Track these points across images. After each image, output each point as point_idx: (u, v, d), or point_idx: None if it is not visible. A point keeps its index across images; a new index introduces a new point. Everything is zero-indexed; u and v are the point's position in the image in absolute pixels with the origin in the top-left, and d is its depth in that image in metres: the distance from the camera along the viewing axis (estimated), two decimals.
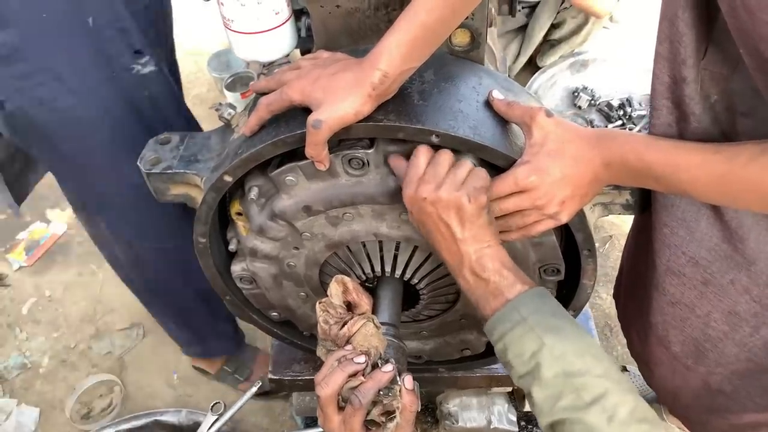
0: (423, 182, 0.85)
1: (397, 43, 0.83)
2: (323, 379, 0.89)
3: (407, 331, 1.24)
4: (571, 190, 0.86)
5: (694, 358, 1.05)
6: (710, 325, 0.99)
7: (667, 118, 0.86)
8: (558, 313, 0.84)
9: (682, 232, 0.95)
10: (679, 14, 0.77)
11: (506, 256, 0.87)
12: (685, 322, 1.02)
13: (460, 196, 0.83)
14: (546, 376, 0.78)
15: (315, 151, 0.88)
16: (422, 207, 0.86)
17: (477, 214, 0.85)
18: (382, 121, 0.87)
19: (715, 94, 0.82)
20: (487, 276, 0.85)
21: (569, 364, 0.78)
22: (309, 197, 0.98)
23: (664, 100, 0.85)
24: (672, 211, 0.94)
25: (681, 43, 0.79)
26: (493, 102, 0.94)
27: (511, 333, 0.82)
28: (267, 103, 0.92)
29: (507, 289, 0.84)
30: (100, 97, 1.24)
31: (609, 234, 2.39)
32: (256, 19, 1.03)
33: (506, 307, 0.83)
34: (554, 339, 0.79)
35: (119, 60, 1.22)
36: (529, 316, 0.81)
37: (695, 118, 0.84)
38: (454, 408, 1.77)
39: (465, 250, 0.86)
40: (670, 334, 1.05)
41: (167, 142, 1.14)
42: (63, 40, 1.16)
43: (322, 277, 1.13)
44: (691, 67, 0.80)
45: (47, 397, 2.04)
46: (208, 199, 1.02)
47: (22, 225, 2.55)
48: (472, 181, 0.85)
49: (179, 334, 1.88)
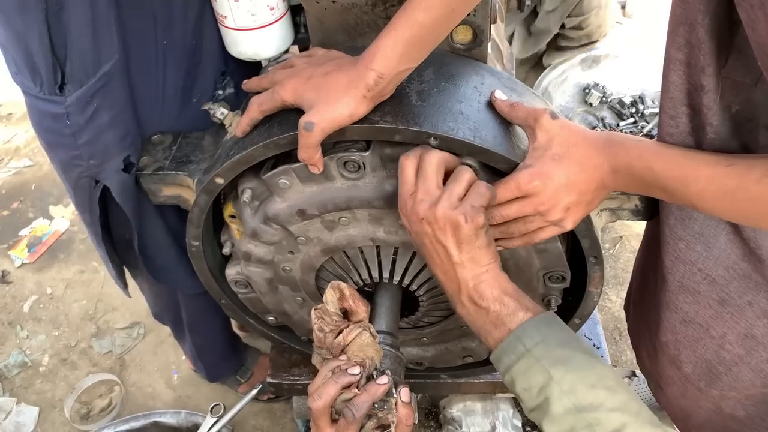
0: (417, 201, 0.80)
1: (393, 42, 0.78)
2: (316, 391, 0.86)
3: (407, 338, 1.20)
4: (576, 196, 0.82)
5: (707, 380, 1.00)
6: (725, 348, 0.94)
7: (687, 126, 0.80)
8: (566, 342, 0.78)
9: (699, 247, 0.89)
10: (699, 20, 0.71)
11: (507, 281, 0.82)
12: (698, 342, 0.97)
13: (456, 215, 0.78)
14: (556, 412, 0.73)
15: (307, 154, 0.84)
16: (419, 227, 0.81)
17: (475, 235, 0.79)
18: (378, 122, 0.84)
19: (736, 104, 0.77)
20: (487, 305, 0.80)
21: (580, 397, 0.72)
22: (303, 201, 0.95)
23: (684, 107, 0.80)
24: (689, 224, 0.89)
25: (700, 50, 0.73)
26: (495, 103, 0.89)
27: (517, 366, 0.77)
28: (258, 103, 0.89)
29: (508, 319, 0.79)
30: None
31: (619, 235, 2.34)
32: (251, 16, 1.00)
33: (509, 338, 0.78)
34: (562, 371, 0.74)
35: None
36: (533, 347, 0.76)
37: (712, 129, 0.78)
38: (457, 413, 1.74)
39: (462, 275, 0.81)
40: (682, 354, 1.00)
41: (160, 143, 1.11)
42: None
43: (319, 282, 1.09)
44: (710, 76, 0.74)
45: (47, 396, 2.02)
46: (200, 201, 0.99)
47: (25, 221, 2.54)
48: (470, 199, 0.79)
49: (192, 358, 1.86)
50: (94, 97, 1.00)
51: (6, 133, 2.91)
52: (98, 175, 1.07)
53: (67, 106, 1.00)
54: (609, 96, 2.55)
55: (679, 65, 0.77)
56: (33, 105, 1.04)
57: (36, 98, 1.01)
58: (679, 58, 0.76)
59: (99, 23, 0.95)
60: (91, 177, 1.08)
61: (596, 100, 2.52)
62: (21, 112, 2.94)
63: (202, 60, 1.11)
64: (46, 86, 0.99)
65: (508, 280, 0.83)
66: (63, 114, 1.00)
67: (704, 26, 0.71)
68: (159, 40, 1.05)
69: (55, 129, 1.04)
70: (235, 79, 1.16)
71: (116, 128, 1.05)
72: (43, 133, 1.07)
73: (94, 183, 1.09)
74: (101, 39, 0.97)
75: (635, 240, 2.30)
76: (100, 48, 0.97)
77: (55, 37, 0.94)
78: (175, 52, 1.08)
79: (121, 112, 1.05)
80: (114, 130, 1.04)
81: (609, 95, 2.55)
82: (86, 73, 0.98)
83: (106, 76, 1.00)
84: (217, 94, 1.16)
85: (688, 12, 0.72)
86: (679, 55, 0.76)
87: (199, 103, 1.09)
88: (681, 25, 0.74)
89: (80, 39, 0.95)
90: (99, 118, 1.02)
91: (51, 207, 2.58)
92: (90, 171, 1.07)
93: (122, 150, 1.06)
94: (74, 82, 0.98)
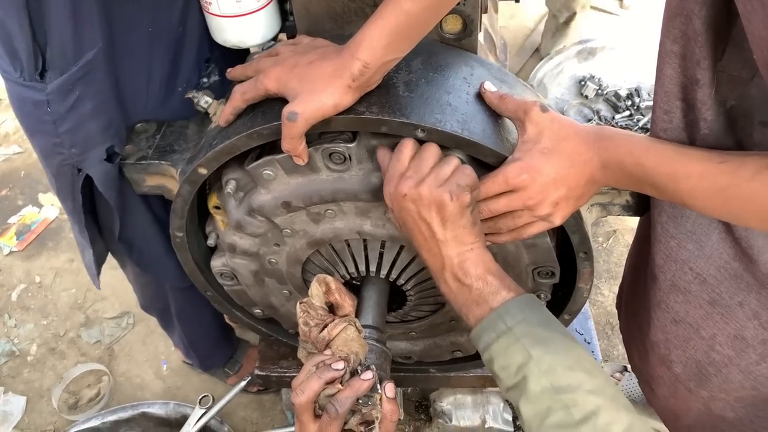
0: (404, 178, 0.79)
1: (379, 31, 0.76)
2: (299, 386, 0.85)
3: (396, 332, 1.19)
4: (565, 191, 0.80)
5: (697, 380, 0.98)
6: (715, 348, 0.93)
7: (681, 122, 0.78)
8: (547, 323, 0.78)
9: (690, 246, 0.87)
10: (695, 11, 0.69)
11: (491, 261, 0.82)
12: (689, 342, 0.95)
13: (441, 192, 0.77)
14: (533, 391, 0.73)
15: (291, 144, 0.82)
16: (402, 204, 0.80)
17: (459, 214, 0.78)
18: (363, 113, 0.82)
19: (732, 99, 0.75)
20: (470, 282, 0.79)
21: (558, 378, 0.72)
22: (288, 192, 0.93)
23: (678, 101, 0.78)
24: (681, 222, 0.87)
25: (696, 43, 0.71)
26: (484, 94, 0.88)
27: (497, 344, 0.77)
28: (242, 91, 0.87)
29: (491, 297, 0.78)
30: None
31: (613, 229, 2.32)
32: (236, 2, 0.98)
33: (491, 315, 0.78)
34: (542, 351, 0.74)
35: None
36: (515, 326, 0.76)
37: (706, 124, 0.76)
38: (447, 406, 1.73)
39: (446, 253, 0.80)
40: (672, 354, 0.99)
41: (143, 131, 1.08)
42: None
43: (305, 275, 1.08)
44: (705, 69, 0.73)
45: (35, 386, 2.00)
46: (183, 192, 0.97)
47: (14, 209, 2.51)
48: (456, 178, 0.79)
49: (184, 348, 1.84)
50: (76, 85, 0.98)
51: None
52: (80, 163, 1.05)
53: (47, 94, 0.97)
54: (605, 88, 2.52)
55: (675, 58, 0.75)
56: (13, 90, 1.02)
57: (16, 84, 0.99)
58: (675, 50, 0.74)
59: (80, 10, 0.93)
60: (73, 165, 1.06)
61: (592, 92, 2.50)
62: None
63: (186, 47, 1.09)
64: (26, 72, 0.97)
65: (492, 260, 0.82)
66: (44, 101, 0.98)
67: (701, 18, 0.70)
68: (144, 27, 1.03)
69: (35, 115, 1.01)
70: (221, 66, 1.14)
71: (99, 118, 1.02)
72: (23, 118, 1.05)
73: (77, 171, 1.07)
74: (83, 27, 0.94)
75: (629, 234, 2.29)
76: (82, 36, 0.95)
77: (35, 22, 0.91)
78: (160, 39, 1.06)
79: (104, 101, 1.02)
80: (97, 119, 1.02)
81: (605, 88, 2.52)
82: (67, 61, 0.96)
83: (89, 64, 0.97)
84: (202, 82, 1.14)
85: (685, 3, 0.70)
86: (675, 47, 0.74)
87: (184, 92, 1.06)
88: (677, 17, 0.72)
89: (61, 26, 0.93)
90: (81, 107, 1.00)
91: (40, 195, 2.55)
92: (72, 159, 1.05)
93: (105, 140, 1.03)
94: (55, 69, 0.96)
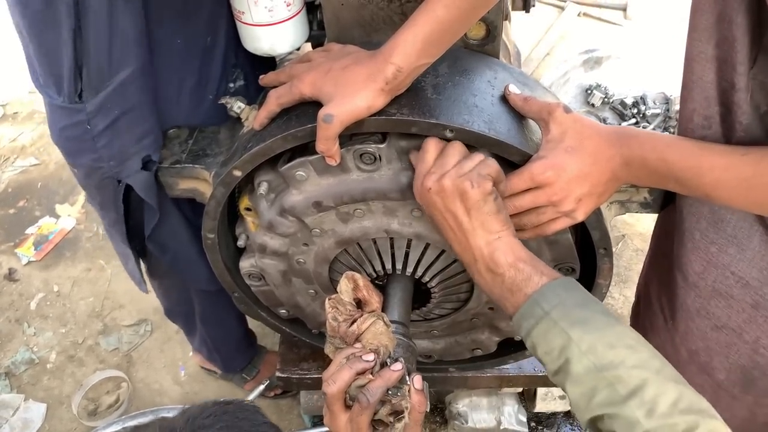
0: (429, 174, 0.83)
1: (413, 37, 0.80)
2: (330, 376, 0.87)
3: (418, 330, 1.22)
4: (588, 187, 0.84)
5: (741, 386, 0.98)
6: (759, 352, 0.93)
7: (720, 127, 0.80)
8: (585, 304, 0.78)
9: (732, 250, 0.89)
10: (733, 17, 0.72)
11: (521, 247, 0.83)
12: (731, 348, 0.96)
13: (462, 181, 0.80)
14: (577, 372, 0.74)
15: (326, 146, 0.86)
16: (429, 199, 0.83)
17: (483, 200, 0.81)
18: (395, 115, 0.85)
19: (765, 106, 0.77)
20: (502, 272, 0.81)
21: (600, 357, 0.73)
22: (319, 193, 0.96)
23: (717, 106, 0.79)
24: (721, 227, 0.88)
25: (734, 49, 0.73)
26: (509, 96, 0.92)
27: (536, 329, 0.78)
28: (277, 96, 0.91)
29: (524, 284, 0.80)
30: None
31: (621, 233, 2.36)
32: (268, 12, 1.02)
33: (527, 302, 0.79)
34: (581, 332, 0.75)
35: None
36: (551, 309, 0.77)
37: (741, 127, 0.78)
38: (463, 408, 1.75)
39: (475, 243, 0.82)
40: (714, 361, 0.99)
41: (176, 137, 1.12)
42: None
43: (332, 274, 1.11)
44: (742, 75, 0.75)
45: (54, 393, 2.03)
46: (217, 194, 1.01)
47: (32, 219, 2.55)
48: (477, 168, 0.81)
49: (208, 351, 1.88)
50: (113, 102, 1.04)
51: (12, 131, 2.92)
52: (119, 174, 1.11)
53: (88, 113, 1.04)
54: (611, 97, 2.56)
55: (714, 62, 0.77)
56: (54, 116, 1.09)
57: (58, 108, 1.05)
58: (715, 54, 0.76)
59: (117, 33, 0.98)
60: (113, 177, 1.11)
61: (598, 100, 2.54)
62: (27, 110, 2.95)
63: (215, 55, 1.14)
64: (66, 95, 1.03)
65: (522, 247, 0.83)
66: (84, 120, 1.05)
67: (738, 24, 0.72)
68: (175, 40, 1.08)
69: (77, 135, 1.07)
70: (245, 70, 1.19)
71: (134, 130, 1.08)
72: (65, 142, 1.11)
73: (117, 182, 1.12)
74: (119, 48, 1.00)
75: (637, 239, 2.32)
76: (117, 56, 1.01)
77: (78, 49, 0.98)
78: (190, 50, 1.11)
79: (139, 114, 1.08)
80: (131, 131, 1.08)
81: (611, 96, 2.56)
82: (102, 81, 1.02)
83: (124, 83, 1.03)
84: (229, 88, 1.18)
85: (726, 8, 0.72)
86: (716, 51, 0.76)
87: (214, 98, 1.11)
88: (720, 22, 0.74)
89: (98, 48, 0.99)
90: (117, 122, 1.06)
91: (57, 205, 2.59)
92: (111, 171, 1.11)
93: (141, 150, 1.09)
94: (90, 90, 1.02)
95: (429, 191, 0.82)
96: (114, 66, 1.00)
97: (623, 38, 3.13)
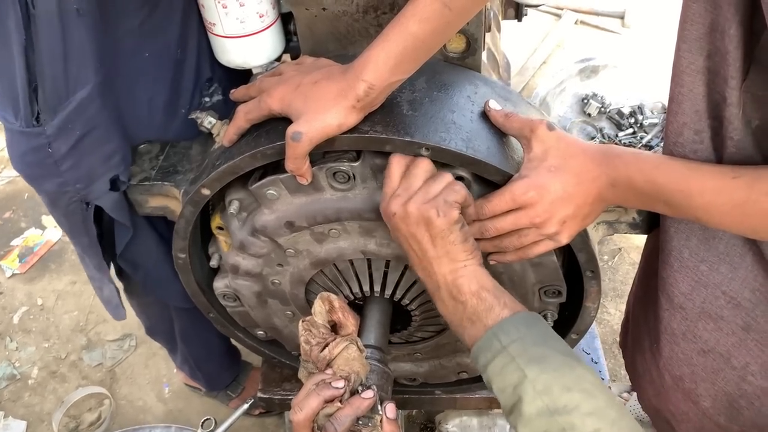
0: (394, 196, 0.79)
1: (385, 54, 0.76)
2: (298, 403, 0.84)
3: (400, 353, 1.17)
4: (572, 209, 0.79)
5: (727, 415, 0.94)
6: (746, 379, 0.89)
7: (711, 142, 0.76)
8: (544, 341, 0.75)
9: (723, 268, 0.84)
10: (726, 28, 0.68)
11: (486, 277, 0.79)
12: (718, 374, 0.91)
13: (428, 209, 0.76)
14: (529, 413, 0.70)
15: (295, 164, 0.81)
16: (394, 223, 0.80)
17: (448, 230, 0.77)
18: (368, 132, 0.81)
19: (756, 119, 0.73)
20: (465, 299, 0.77)
21: (554, 399, 0.69)
22: (292, 212, 0.92)
23: (708, 120, 0.75)
24: (713, 244, 0.84)
25: (726, 62, 0.69)
26: (489, 113, 0.87)
27: (493, 364, 0.74)
28: (245, 111, 0.86)
29: (485, 314, 0.76)
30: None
31: (618, 247, 2.31)
32: (240, 23, 0.98)
33: (486, 334, 0.75)
34: (538, 370, 0.71)
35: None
36: (510, 344, 0.73)
37: (732, 143, 0.74)
38: (453, 428, 1.70)
39: (440, 270, 0.79)
40: (700, 387, 0.94)
41: (147, 152, 1.08)
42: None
43: (309, 296, 1.07)
44: (733, 89, 0.71)
45: (35, 410, 1.99)
46: (186, 213, 0.96)
47: (17, 231, 2.51)
48: (444, 194, 0.77)
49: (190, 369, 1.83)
50: (74, 122, 0.97)
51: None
52: (86, 197, 1.05)
53: (47, 136, 0.97)
54: (608, 106, 2.53)
55: (705, 74, 0.73)
56: (13, 141, 1.01)
57: (16, 133, 0.98)
58: (706, 66, 0.72)
59: (72, 49, 0.92)
60: (81, 200, 1.06)
61: (595, 110, 2.50)
62: None
63: (186, 69, 1.09)
64: (23, 118, 0.96)
65: (488, 276, 0.80)
66: (45, 144, 0.98)
67: (730, 36, 0.68)
68: (141, 54, 1.03)
69: (38, 161, 1.01)
70: (223, 85, 1.14)
71: (100, 150, 1.02)
72: (26, 168, 1.04)
73: (85, 205, 1.07)
74: (75, 65, 0.94)
75: (634, 252, 2.28)
76: (74, 74, 0.94)
77: (30, 65, 0.91)
78: (159, 63, 1.06)
79: (104, 133, 1.02)
80: (98, 152, 1.02)
81: (608, 106, 2.53)
82: (59, 101, 0.95)
83: (84, 101, 0.97)
84: (204, 102, 1.13)
85: (718, 18, 0.69)
86: (707, 63, 0.72)
87: (187, 113, 1.06)
88: (713, 32, 0.70)
89: (52, 67, 0.92)
90: (81, 143, 1.00)
91: (43, 217, 2.55)
92: (78, 195, 1.05)
93: (108, 170, 1.03)
94: (48, 111, 0.95)
95: (394, 216, 0.78)
96: (71, 84, 0.94)
97: (621, 47, 3.09)
